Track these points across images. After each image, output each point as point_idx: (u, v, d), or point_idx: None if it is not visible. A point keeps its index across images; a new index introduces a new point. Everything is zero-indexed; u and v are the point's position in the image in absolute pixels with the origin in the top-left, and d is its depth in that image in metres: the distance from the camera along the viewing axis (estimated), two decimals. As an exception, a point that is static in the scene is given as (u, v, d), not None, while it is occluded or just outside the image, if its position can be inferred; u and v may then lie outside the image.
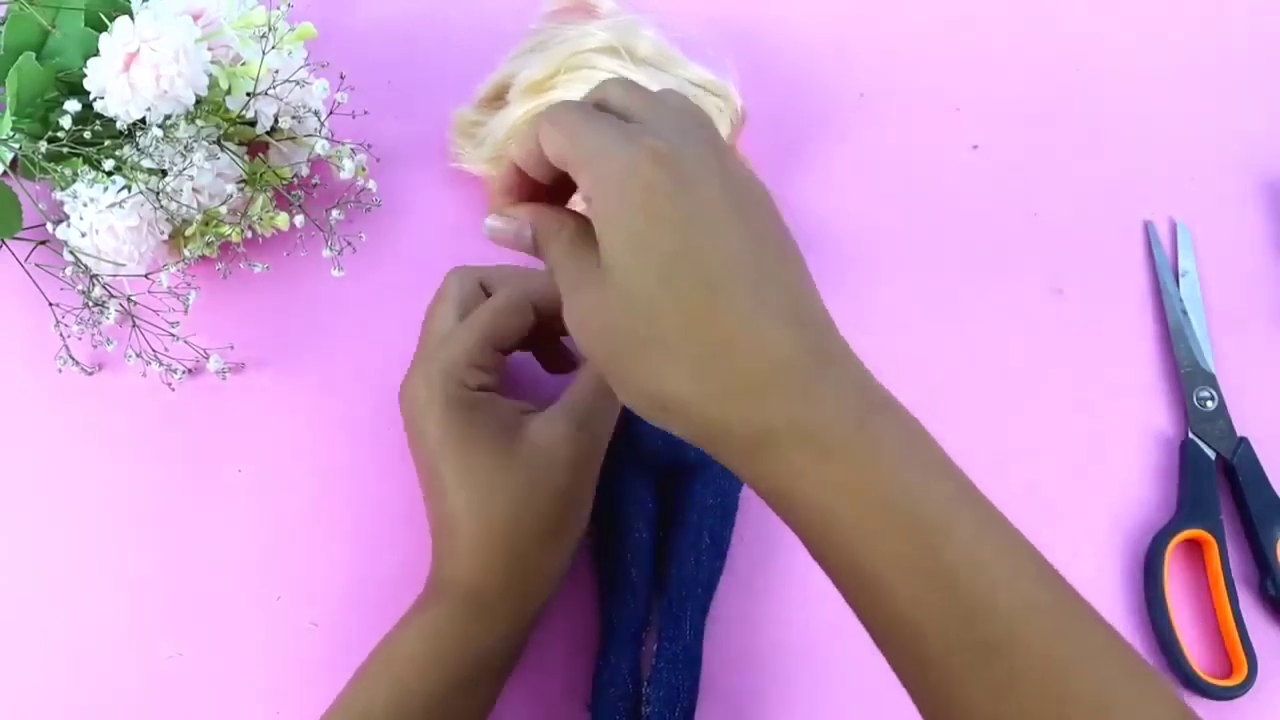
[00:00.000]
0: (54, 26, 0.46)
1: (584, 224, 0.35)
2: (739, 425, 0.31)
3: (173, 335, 0.47)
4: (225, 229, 0.47)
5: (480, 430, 0.40)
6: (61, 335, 0.47)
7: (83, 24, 0.46)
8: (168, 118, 0.44)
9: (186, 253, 0.47)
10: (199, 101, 0.45)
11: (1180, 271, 0.53)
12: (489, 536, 0.39)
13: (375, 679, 0.39)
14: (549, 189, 0.37)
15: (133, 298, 0.46)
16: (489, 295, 0.43)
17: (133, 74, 0.43)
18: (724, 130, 0.49)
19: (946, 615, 0.30)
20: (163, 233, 0.46)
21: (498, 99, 0.51)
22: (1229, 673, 0.46)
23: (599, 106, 0.35)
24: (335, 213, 0.48)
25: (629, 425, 0.45)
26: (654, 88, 0.47)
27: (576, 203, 0.38)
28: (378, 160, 0.51)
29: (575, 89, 0.47)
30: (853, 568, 0.32)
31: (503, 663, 0.41)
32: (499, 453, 0.40)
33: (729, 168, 0.34)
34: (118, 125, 0.44)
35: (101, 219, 0.44)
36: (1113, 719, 0.29)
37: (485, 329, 0.41)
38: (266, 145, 0.49)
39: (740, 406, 0.31)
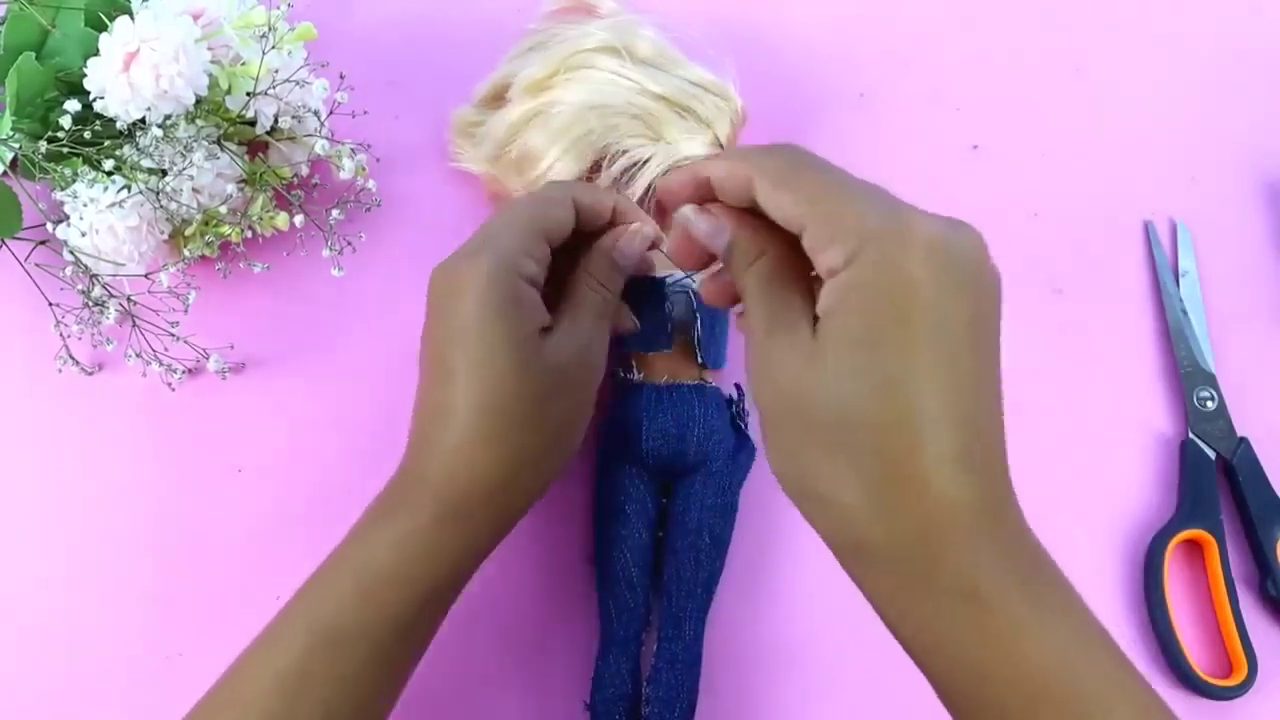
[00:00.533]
0: (54, 26, 0.46)
1: (785, 256, 0.33)
2: (896, 561, 0.30)
3: (173, 335, 0.47)
4: (225, 229, 0.47)
5: (513, 325, 0.37)
6: (61, 335, 0.47)
7: (83, 24, 0.46)
8: (168, 118, 0.44)
9: (186, 253, 0.47)
10: (199, 101, 0.45)
11: (1180, 271, 0.53)
12: (489, 437, 0.37)
13: (343, 589, 0.37)
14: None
15: (133, 298, 0.46)
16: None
17: (133, 74, 0.43)
18: (724, 131, 0.48)
19: None
20: (163, 233, 0.46)
21: (497, 99, 0.51)
22: (1229, 673, 0.46)
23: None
24: (335, 213, 0.48)
25: (629, 424, 0.45)
26: (654, 88, 0.48)
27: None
28: (378, 160, 0.51)
29: (574, 89, 0.47)
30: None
31: (468, 576, 0.39)
32: (524, 355, 0.37)
33: (993, 273, 0.31)
34: (118, 125, 0.44)
35: (101, 219, 0.44)
36: None
37: (534, 216, 0.40)
38: (266, 145, 0.49)
39: (909, 541, 0.30)
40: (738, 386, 0.47)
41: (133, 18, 0.43)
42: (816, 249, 0.31)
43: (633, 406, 0.45)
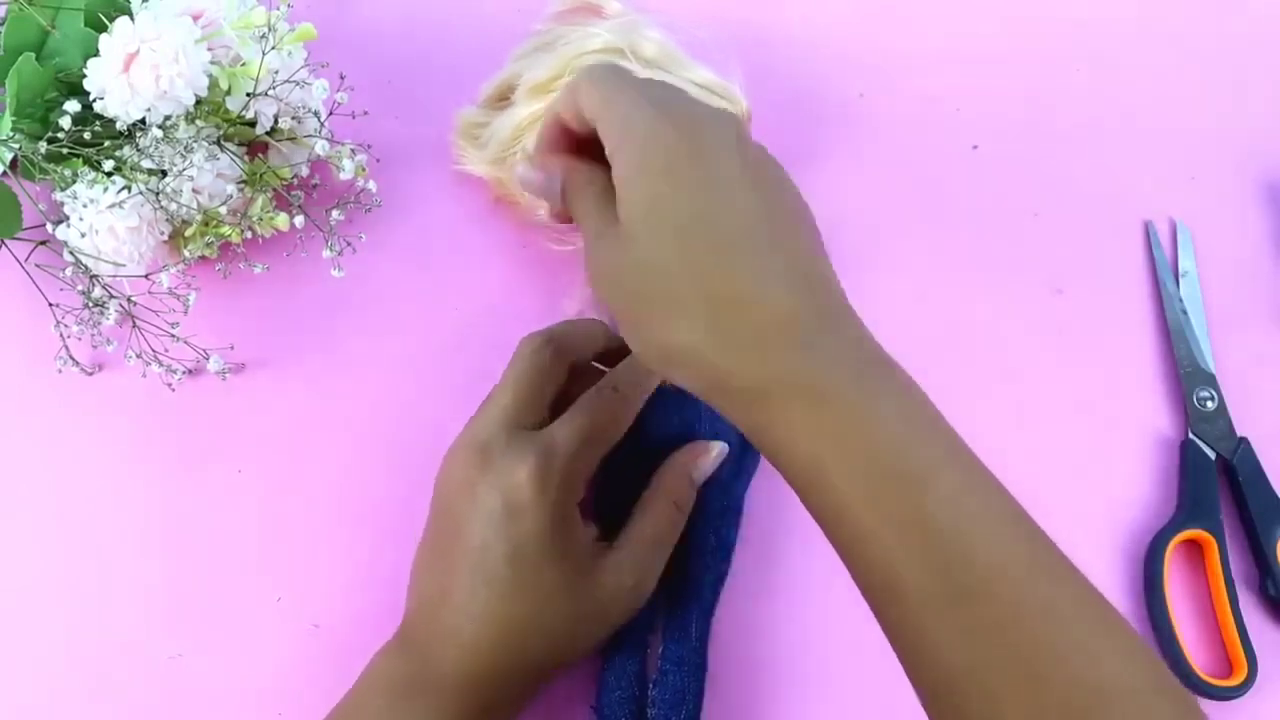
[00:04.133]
0: (54, 27, 0.46)
1: (607, 182, 0.36)
2: (740, 376, 0.33)
3: (173, 336, 0.47)
4: (225, 229, 0.47)
5: (567, 549, 0.38)
6: (61, 335, 0.47)
7: (83, 24, 0.46)
8: (167, 118, 0.44)
9: (186, 253, 0.47)
10: (199, 102, 0.45)
11: (1180, 271, 0.53)
12: (523, 654, 0.38)
13: None
14: (586, 144, 0.38)
15: (133, 298, 0.46)
16: (561, 362, 0.42)
17: (132, 74, 0.43)
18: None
19: (924, 563, 0.31)
20: (163, 233, 0.46)
21: (503, 99, 0.51)
22: (1229, 673, 0.46)
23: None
24: (335, 213, 0.47)
25: (634, 425, 0.45)
26: None
27: None
28: (378, 161, 0.51)
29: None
30: (838, 515, 0.33)
31: None
32: (572, 577, 0.39)
33: (745, 142, 0.36)
34: (118, 126, 0.44)
35: (101, 219, 0.44)
36: (1079, 668, 0.30)
37: (600, 440, 0.40)
38: (266, 146, 0.49)
39: (744, 359, 0.32)
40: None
41: (132, 18, 0.43)
42: (604, 139, 0.36)
43: (636, 408, 0.45)
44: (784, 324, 0.32)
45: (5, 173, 0.46)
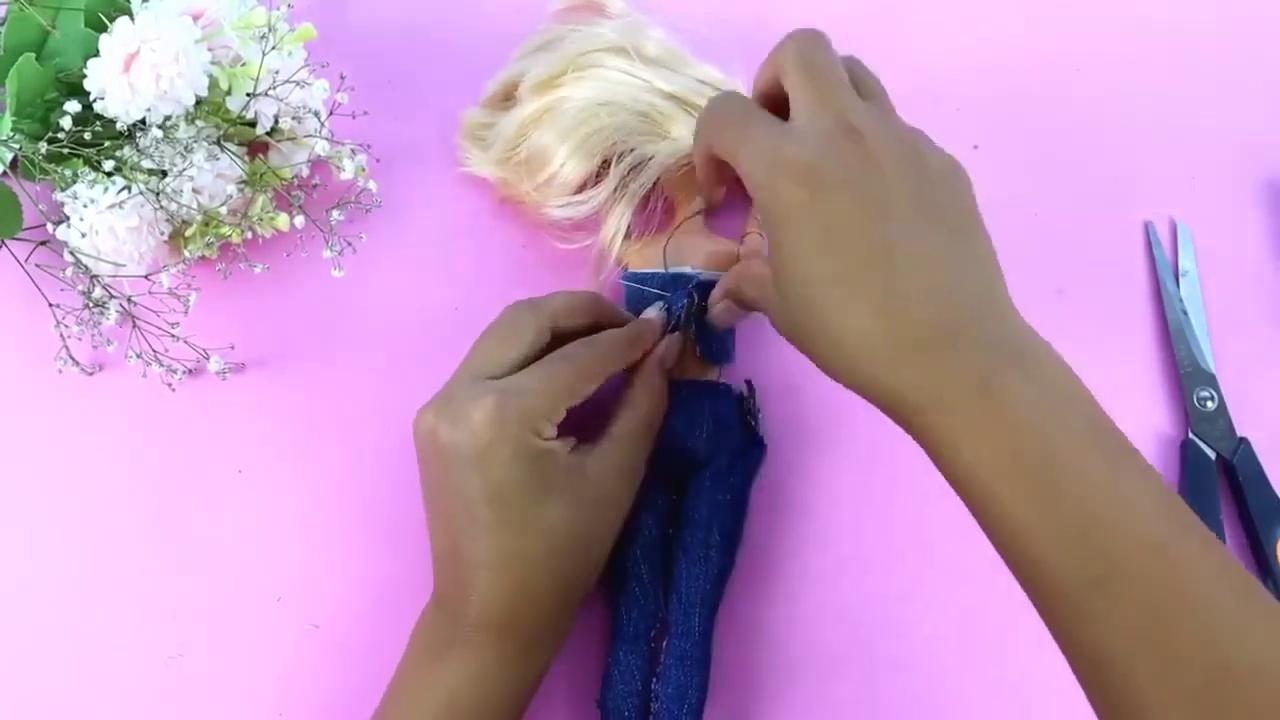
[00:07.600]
0: (54, 27, 0.46)
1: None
2: (893, 374, 0.34)
3: (173, 336, 0.47)
4: (225, 229, 0.47)
5: (549, 476, 0.39)
6: (61, 335, 0.47)
7: (83, 24, 0.46)
8: (168, 118, 0.44)
9: (186, 253, 0.47)
10: (199, 102, 0.45)
11: (1180, 271, 0.53)
12: (547, 582, 0.39)
13: None
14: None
15: (133, 298, 0.47)
16: (553, 334, 0.42)
17: (133, 75, 0.43)
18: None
19: (1065, 551, 0.32)
20: (163, 233, 0.46)
21: (506, 98, 0.51)
22: (1229, 673, 0.46)
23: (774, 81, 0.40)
24: (335, 213, 0.47)
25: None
26: (664, 86, 0.48)
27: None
28: (378, 161, 0.51)
29: (583, 87, 0.47)
30: (985, 503, 0.34)
31: (540, 683, 0.42)
32: (565, 497, 0.39)
33: (871, 169, 0.36)
34: (118, 126, 0.44)
35: (101, 220, 0.44)
36: (1221, 650, 0.30)
37: (566, 392, 0.40)
38: (266, 146, 0.49)
39: (900, 358, 0.34)
40: (748, 383, 0.47)
41: (133, 18, 0.43)
42: (741, 176, 0.38)
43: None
44: (939, 329, 0.34)
45: (5, 173, 0.46)
